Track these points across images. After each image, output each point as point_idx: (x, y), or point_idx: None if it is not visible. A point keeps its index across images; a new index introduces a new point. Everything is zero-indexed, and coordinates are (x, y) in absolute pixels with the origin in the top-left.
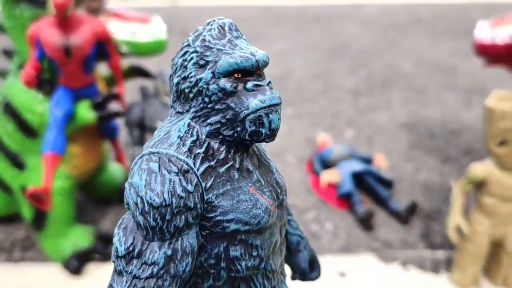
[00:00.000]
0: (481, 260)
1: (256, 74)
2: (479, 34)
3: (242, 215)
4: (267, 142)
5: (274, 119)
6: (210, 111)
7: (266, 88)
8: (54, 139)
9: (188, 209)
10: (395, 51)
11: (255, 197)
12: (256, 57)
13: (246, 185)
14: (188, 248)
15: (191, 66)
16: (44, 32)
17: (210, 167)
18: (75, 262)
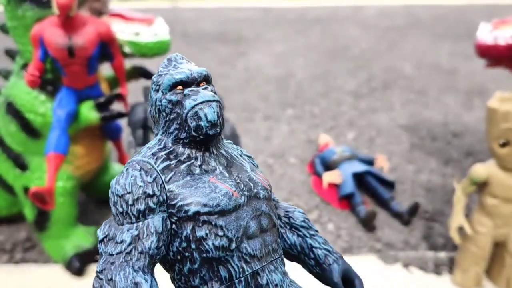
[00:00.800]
0: (483, 261)
1: (196, 85)
2: (481, 35)
3: (200, 198)
4: (211, 133)
5: (209, 112)
6: (169, 123)
7: (200, 90)
8: (57, 140)
9: (148, 196)
10: (395, 53)
11: (214, 184)
12: (191, 71)
13: (207, 177)
14: (152, 228)
15: (152, 93)
16: (48, 33)
17: (170, 165)
18: (76, 263)
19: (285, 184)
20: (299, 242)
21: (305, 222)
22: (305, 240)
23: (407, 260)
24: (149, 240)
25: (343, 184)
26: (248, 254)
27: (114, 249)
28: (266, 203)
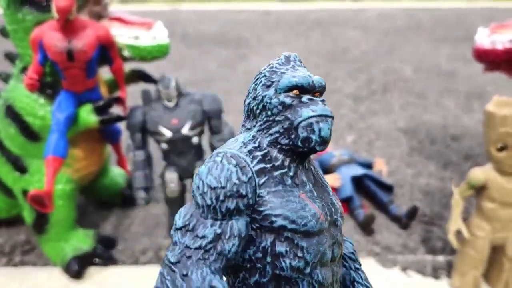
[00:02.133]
0: (481, 265)
1: (312, 94)
2: (479, 39)
3: (290, 213)
4: (318, 150)
5: (324, 127)
6: (271, 123)
7: (319, 102)
8: (56, 143)
9: (240, 196)
10: (395, 56)
11: (304, 202)
12: (312, 79)
13: (297, 191)
14: (236, 231)
15: (260, 87)
16: (47, 36)
17: (265, 168)
18: (75, 266)
19: None
20: (343, 273)
21: (354, 254)
22: (349, 272)
23: (405, 264)
24: (231, 243)
25: (341, 187)
26: (318, 281)
27: (192, 242)
28: (340, 232)
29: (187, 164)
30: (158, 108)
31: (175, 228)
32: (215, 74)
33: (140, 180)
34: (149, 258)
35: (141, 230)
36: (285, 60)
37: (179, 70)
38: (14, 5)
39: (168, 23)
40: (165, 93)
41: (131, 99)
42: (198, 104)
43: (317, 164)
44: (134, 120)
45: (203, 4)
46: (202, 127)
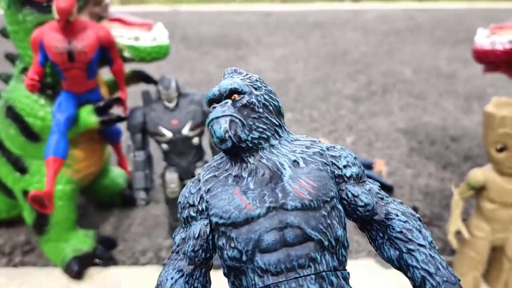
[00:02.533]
0: (481, 265)
1: (226, 99)
2: (478, 40)
3: (218, 210)
4: (224, 148)
5: (216, 128)
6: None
7: (216, 107)
8: (56, 144)
9: (189, 206)
10: (394, 57)
11: (233, 196)
12: (219, 87)
13: (232, 188)
14: (192, 233)
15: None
16: (48, 37)
17: (214, 176)
18: (75, 266)
19: None
20: (396, 257)
21: (403, 233)
22: (402, 255)
23: None
24: (188, 244)
25: None
26: (260, 267)
27: (172, 248)
28: (297, 215)
29: (188, 165)
30: (158, 108)
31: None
32: (215, 75)
33: (140, 180)
34: (149, 258)
35: (141, 231)
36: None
37: (179, 71)
38: (15, 6)
39: (167, 24)
40: (165, 94)
41: (132, 99)
42: (198, 105)
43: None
44: (134, 121)
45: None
46: (202, 127)
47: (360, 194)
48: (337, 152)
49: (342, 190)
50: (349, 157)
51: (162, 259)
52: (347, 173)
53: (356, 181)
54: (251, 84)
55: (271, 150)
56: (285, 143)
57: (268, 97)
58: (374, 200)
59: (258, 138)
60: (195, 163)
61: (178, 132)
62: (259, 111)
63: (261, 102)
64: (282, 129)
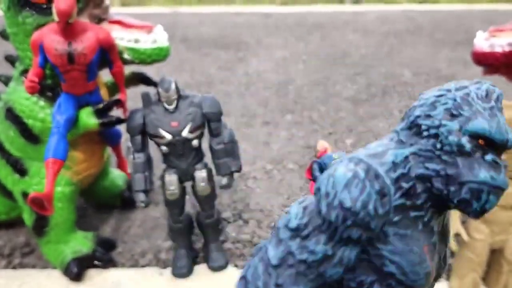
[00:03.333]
0: (480, 268)
1: (498, 152)
2: (478, 43)
3: (406, 264)
4: (471, 217)
5: (493, 201)
6: (433, 157)
7: (502, 170)
8: (56, 145)
9: (367, 229)
10: (394, 59)
11: (424, 256)
12: (509, 136)
13: (423, 241)
14: (346, 260)
15: (442, 109)
16: (47, 39)
17: (404, 205)
18: (75, 268)
19: (283, 190)
20: None
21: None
22: None
23: None
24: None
25: None
26: None
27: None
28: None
29: (187, 167)
30: (158, 110)
31: (285, 224)
32: (215, 76)
33: (139, 182)
34: (148, 260)
35: (140, 233)
36: (485, 95)
37: (179, 72)
38: (14, 7)
39: (168, 26)
40: (165, 96)
41: (131, 101)
42: (198, 107)
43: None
44: (134, 123)
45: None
46: (202, 129)
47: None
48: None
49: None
50: None
51: (161, 261)
52: None
53: None
54: None
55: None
56: None
57: None
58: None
59: None
60: (195, 165)
61: (178, 134)
62: None
63: None
64: None
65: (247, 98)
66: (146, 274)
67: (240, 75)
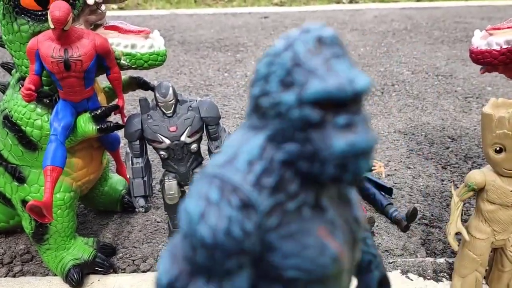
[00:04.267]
0: (482, 267)
1: (352, 106)
2: (475, 41)
3: (305, 262)
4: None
5: (363, 165)
6: (288, 137)
7: (360, 126)
8: (54, 153)
9: (243, 253)
10: (393, 58)
11: (323, 242)
12: (354, 86)
13: (315, 226)
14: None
15: (275, 81)
16: (43, 46)
17: (278, 203)
18: (75, 275)
19: None
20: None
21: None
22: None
23: (406, 267)
24: None
25: None
26: None
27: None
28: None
29: (186, 171)
30: (156, 116)
31: (157, 284)
32: (214, 79)
33: (139, 188)
34: (149, 265)
35: (141, 237)
36: (316, 45)
37: (178, 75)
38: (10, 15)
39: (166, 28)
40: (163, 101)
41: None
42: (196, 111)
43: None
44: (132, 129)
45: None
46: (200, 134)
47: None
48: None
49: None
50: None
51: None
52: None
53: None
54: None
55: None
56: None
57: None
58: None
59: None
60: (194, 169)
61: (176, 139)
62: None
63: None
64: None
65: (246, 100)
66: (148, 279)
67: (239, 77)
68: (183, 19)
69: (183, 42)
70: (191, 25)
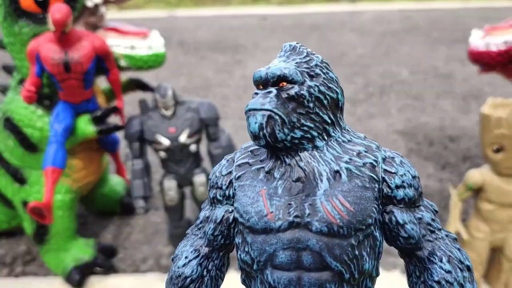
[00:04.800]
0: (481, 266)
1: (271, 85)
2: (473, 41)
3: (240, 206)
4: (258, 144)
5: (251, 122)
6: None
7: (259, 95)
8: (54, 154)
9: (217, 187)
10: (392, 58)
11: (258, 198)
12: (267, 70)
13: (260, 186)
14: (214, 217)
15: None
16: (44, 48)
17: (248, 162)
18: (76, 275)
19: None
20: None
21: (441, 284)
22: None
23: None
24: (209, 226)
25: None
26: (269, 283)
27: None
28: (321, 240)
29: (186, 172)
30: (156, 117)
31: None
32: (213, 80)
33: (139, 189)
34: (149, 266)
35: (141, 238)
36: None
37: (177, 77)
38: (11, 17)
39: (165, 30)
40: (162, 102)
41: (129, 108)
42: (195, 112)
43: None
44: (132, 130)
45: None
46: (199, 135)
47: (407, 223)
48: (394, 167)
49: (387, 213)
50: (406, 176)
51: (162, 267)
52: (398, 195)
53: (408, 206)
54: (308, 70)
55: (313, 153)
56: (333, 145)
57: (325, 88)
58: (421, 232)
59: (300, 138)
60: (193, 170)
61: (176, 140)
62: (309, 105)
63: (313, 95)
64: (335, 127)
65: (245, 100)
66: (148, 280)
67: (238, 78)
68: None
69: (182, 43)
70: (190, 26)
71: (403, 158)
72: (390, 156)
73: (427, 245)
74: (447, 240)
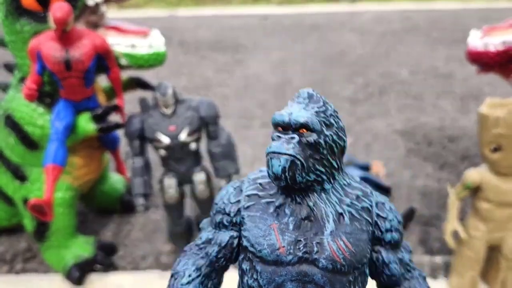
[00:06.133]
0: (478, 265)
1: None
2: (472, 41)
3: (252, 237)
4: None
5: (274, 164)
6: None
7: (281, 139)
8: (55, 151)
9: (224, 213)
10: (391, 58)
11: (270, 231)
12: (290, 116)
13: (271, 220)
14: (218, 240)
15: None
16: (45, 46)
17: (257, 194)
18: (76, 273)
19: None
20: None
21: None
22: None
23: None
24: (213, 248)
25: None
26: None
27: (197, 239)
28: (325, 275)
29: (185, 170)
30: (156, 115)
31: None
32: (213, 79)
33: (139, 186)
34: (149, 263)
35: (141, 236)
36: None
37: (177, 76)
38: (12, 16)
39: (165, 29)
40: (163, 100)
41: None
42: (195, 111)
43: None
44: (132, 128)
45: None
46: (199, 133)
47: (391, 262)
48: (384, 212)
49: (375, 252)
50: (394, 221)
51: (162, 264)
52: (386, 238)
53: (392, 247)
54: (325, 119)
55: (321, 195)
56: (337, 188)
57: (337, 137)
58: (401, 271)
59: (313, 181)
60: (193, 169)
61: (176, 138)
62: (323, 152)
63: (327, 144)
64: (339, 171)
65: (245, 100)
66: (147, 278)
67: (238, 77)
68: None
69: (183, 43)
70: (190, 26)
71: (391, 204)
72: (381, 201)
73: (405, 282)
74: (420, 279)
